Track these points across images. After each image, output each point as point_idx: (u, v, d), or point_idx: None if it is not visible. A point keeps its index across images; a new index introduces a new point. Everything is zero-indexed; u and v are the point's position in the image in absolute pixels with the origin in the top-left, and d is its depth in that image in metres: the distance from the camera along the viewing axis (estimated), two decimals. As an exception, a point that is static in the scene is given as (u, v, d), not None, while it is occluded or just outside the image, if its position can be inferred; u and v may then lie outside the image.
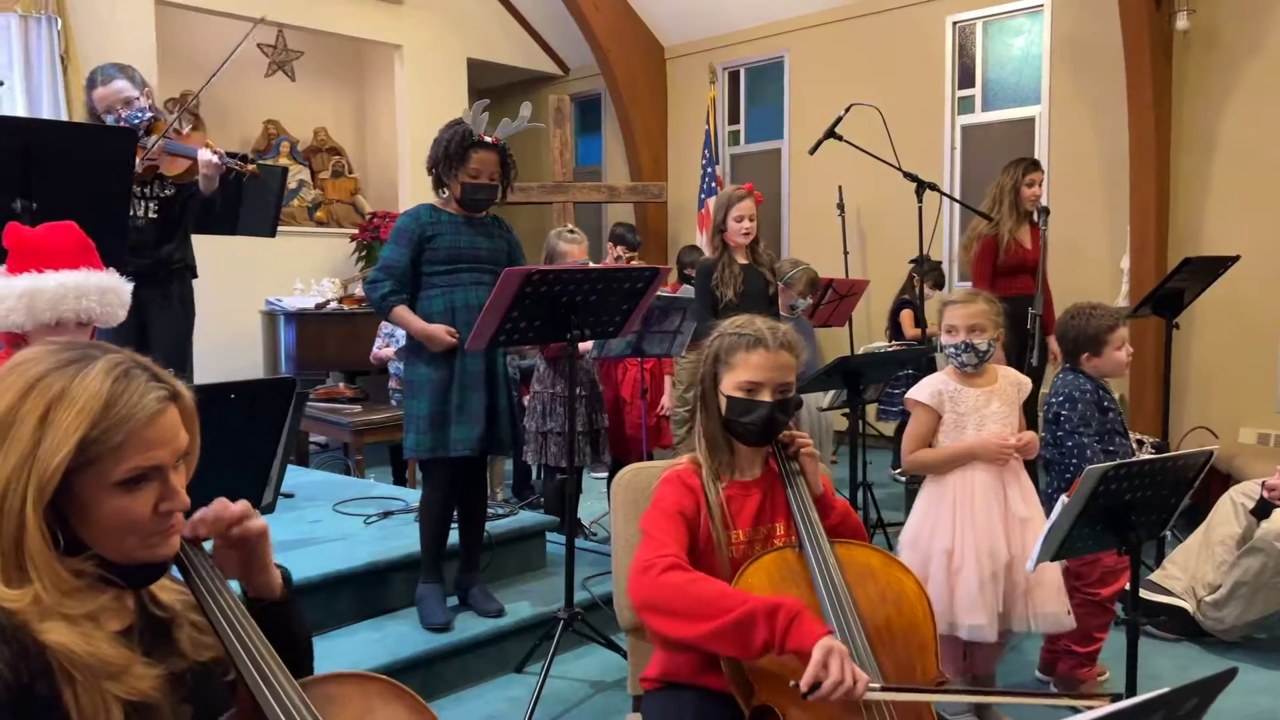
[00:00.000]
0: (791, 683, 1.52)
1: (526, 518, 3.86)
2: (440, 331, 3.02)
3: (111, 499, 1.06)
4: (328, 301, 6.60)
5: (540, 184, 7.32)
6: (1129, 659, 2.15)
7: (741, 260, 3.97)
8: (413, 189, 7.90)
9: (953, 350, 2.66)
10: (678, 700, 1.85)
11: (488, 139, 3.05)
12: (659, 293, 3.52)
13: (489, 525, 3.48)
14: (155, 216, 3.42)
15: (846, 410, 4.09)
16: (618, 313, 2.97)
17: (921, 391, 2.68)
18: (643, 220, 8.05)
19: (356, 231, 7.67)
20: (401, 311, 3.07)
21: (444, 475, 3.13)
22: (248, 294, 6.68)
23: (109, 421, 1.04)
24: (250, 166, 3.33)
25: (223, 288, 5.53)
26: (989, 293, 2.82)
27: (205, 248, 3.85)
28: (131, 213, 3.21)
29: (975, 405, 2.67)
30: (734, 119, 7.91)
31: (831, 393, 4.59)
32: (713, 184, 7.17)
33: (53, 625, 1.03)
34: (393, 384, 5.72)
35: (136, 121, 3.18)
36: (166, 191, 3.43)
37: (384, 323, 5.83)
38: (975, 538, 2.54)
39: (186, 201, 3.46)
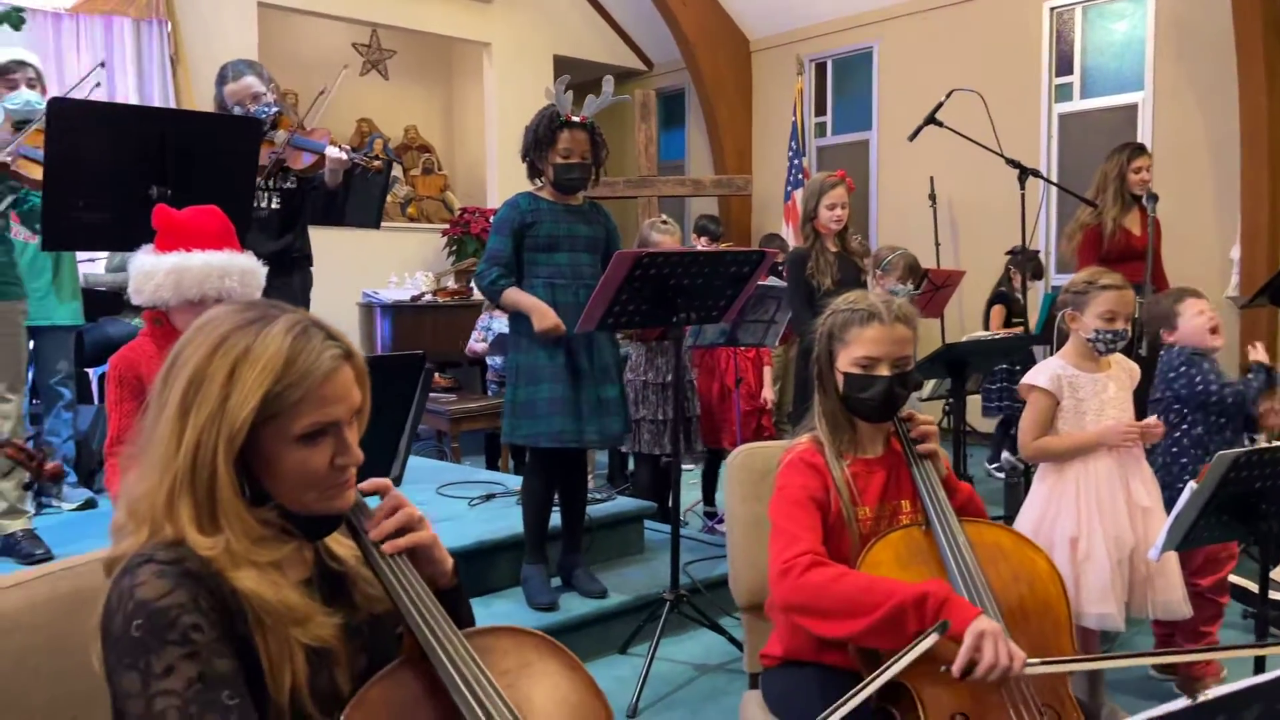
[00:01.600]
0: (943, 667, 1.51)
1: (624, 503, 3.89)
2: (552, 312, 3.04)
3: (292, 452, 1.11)
4: (422, 294, 6.74)
5: (624, 179, 7.35)
6: (1258, 659, 2.08)
7: (832, 248, 3.95)
8: (500, 185, 8.01)
9: (1110, 335, 2.57)
10: (801, 677, 1.84)
11: (575, 118, 3.08)
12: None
13: (587, 510, 3.52)
14: (278, 208, 3.54)
15: (948, 401, 4.02)
16: (722, 297, 2.98)
17: (1039, 376, 2.62)
18: (726, 213, 8.04)
19: (447, 226, 7.81)
20: (512, 293, 3.11)
21: (546, 460, 3.17)
22: (344, 286, 6.86)
23: (290, 378, 1.08)
24: (376, 162, 3.43)
25: (321, 280, 5.67)
26: None
27: (301, 242, 3.96)
28: (255, 204, 3.33)
29: (1094, 390, 2.60)
30: (820, 110, 7.84)
31: (932, 382, 4.52)
32: (799, 176, 7.13)
33: (244, 573, 1.07)
34: (490, 375, 5.82)
35: (264, 115, 3.29)
36: (289, 184, 3.54)
37: (481, 317, 5.93)
38: (1103, 525, 2.48)
39: (308, 194, 3.57)
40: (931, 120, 4.17)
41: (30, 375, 3.69)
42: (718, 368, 4.68)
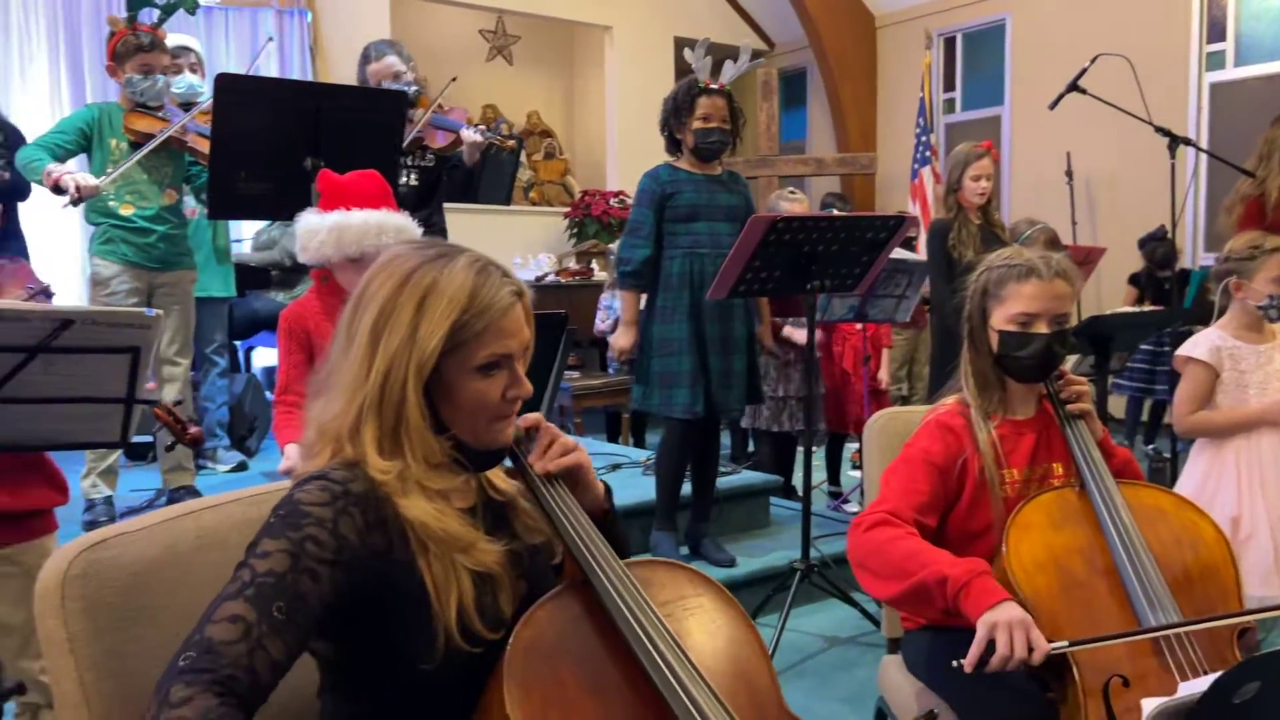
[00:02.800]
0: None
1: (750, 476, 3.90)
2: (629, 337, 3.22)
3: (471, 382, 1.16)
4: (545, 275, 6.87)
5: (745, 159, 7.32)
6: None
7: (976, 220, 3.85)
8: (620, 167, 8.09)
9: None
10: (945, 641, 1.81)
11: (714, 85, 3.11)
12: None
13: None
14: (415, 184, 3.67)
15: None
16: (857, 264, 2.95)
17: (1198, 348, 2.50)
18: (849, 192, 7.91)
19: (568, 209, 7.93)
20: (628, 297, 3.23)
21: (685, 429, 3.20)
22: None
23: (473, 310, 1.14)
24: (510, 142, 3.54)
25: (450, 259, 5.85)
26: None
27: (428, 225, 4.10)
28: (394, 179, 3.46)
29: (1259, 362, 2.47)
30: (949, 86, 7.63)
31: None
32: (926, 153, 6.95)
33: (412, 500, 1.13)
34: (612, 354, 5.89)
35: (406, 93, 3.42)
36: (426, 161, 3.67)
37: (603, 296, 6.01)
38: (1266, 505, 2.36)
39: (445, 171, 3.69)
40: (1074, 87, 4.01)
41: (190, 343, 3.93)
42: (835, 350, 4.61)
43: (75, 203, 2.96)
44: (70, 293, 5.04)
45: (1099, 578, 1.64)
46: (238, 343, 5.08)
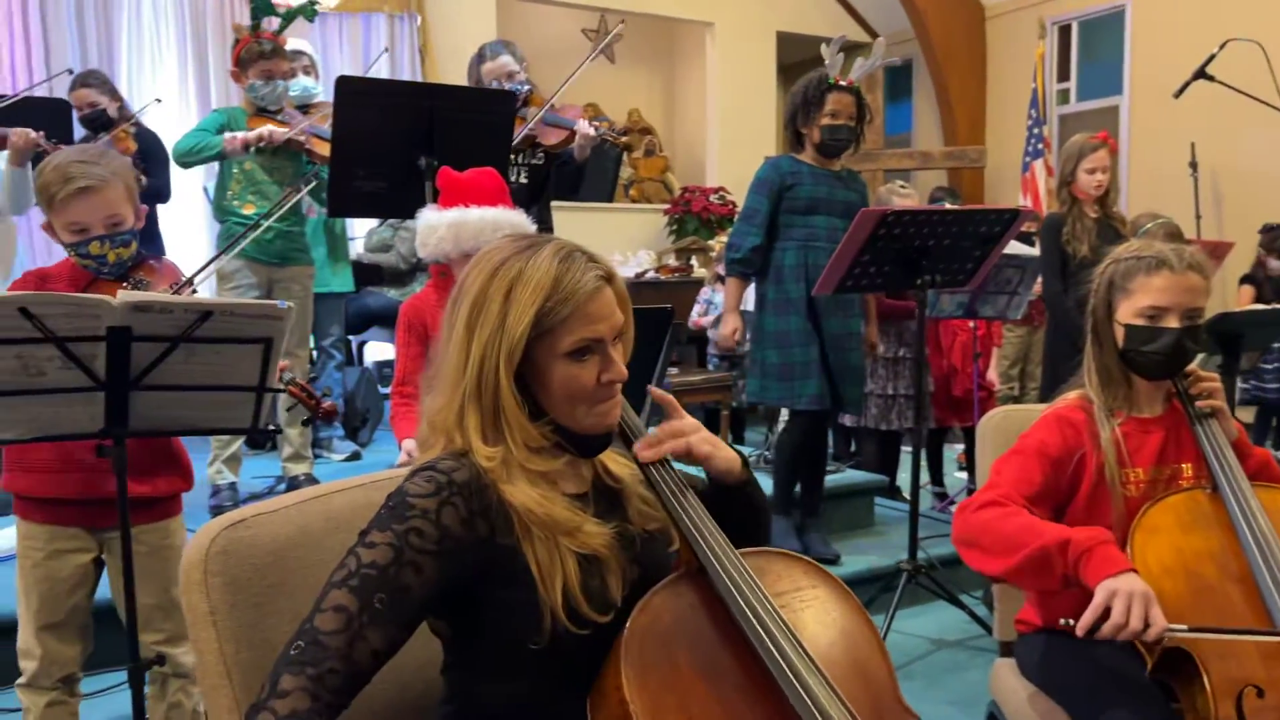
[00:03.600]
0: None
1: (855, 475, 3.86)
2: (733, 328, 3.22)
3: (562, 367, 1.18)
4: (645, 271, 6.91)
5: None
6: None
7: (1092, 214, 3.71)
8: (720, 164, 8.07)
9: None
10: (1062, 645, 1.77)
11: (843, 81, 3.08)
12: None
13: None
14: (525, 181, 3.73)
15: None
16: (970, 259, 2.88)
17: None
18: (957, 186, 7.70)
19: (668, 206, 7.95)
20: (732, 284, 3.21)
21: (808, 421, 3.20)
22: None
23: (558, 296, 1.16)
24: (623, 138, 3.56)
25: (553, 256, 5.95)
26: None
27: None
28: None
29: None
30: (1063, 76, 7.37)
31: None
32: (1039, 145, 6.74)
33: (517, 485, 1.16)
34: (710, 349, 5.90)
35: (517, 92, 3.49)
36: (537, 159, 3.73)
37: (702, 291, 6.02)
38: None
39: (555, 168, 3.75)
40: (1201, 74, 3.83)
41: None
42: (944, 344, 4.51)
43: (268, 146, 3.27)
44: (199, 288, 5.29)
45: (1232, 584, 1.57)
46: (351, 337, 5.27)
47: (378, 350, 6.19)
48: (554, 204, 3.94)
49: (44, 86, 5.15)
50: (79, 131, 3.97)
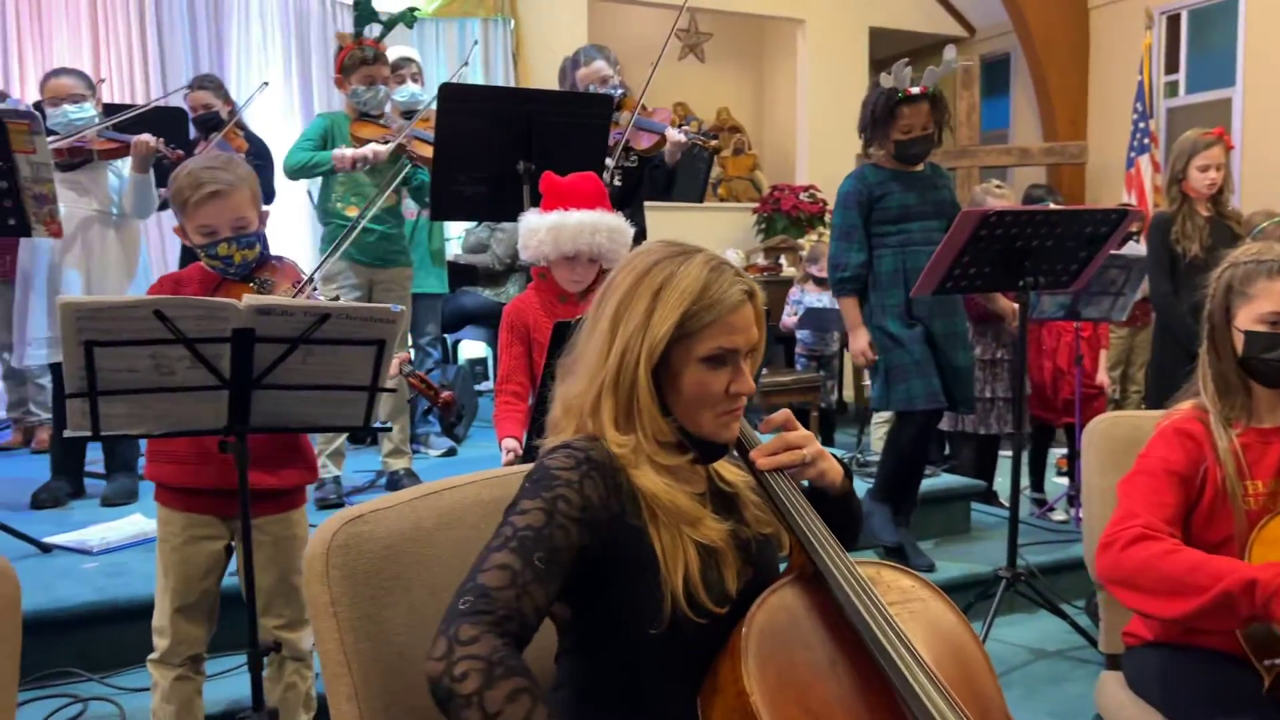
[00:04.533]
0: (1266, 662, 1.37)
1: (950, 480, 3.79)
2: (862, 339, 3.19)
3: (695, 372, 1.23)
4: (734, 270, 6.89)
5: (944, 149, 7.07)
6: None
7: (1204, 213, 3.57)
8: (811, 162, 8.00)
9: None
10: (1173, 660, 1.72)
11: (914, 90, 3.01)
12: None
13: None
14: (619, 185, 3.77)
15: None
16: (1074, 260, 2.81)
17: None
18: (1056, 184, 7.48)
19: (757, 205, 7.92)
20: (848, 304, 3.19)
21: (922, 421, 3.19)
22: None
23: (703, 303, 1.21)
24: (713, 142, 3.58)
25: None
26: None
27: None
28: None
29: None
30: (1171, 68, 7.09)
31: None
32: (1145, 140, 6.49)
33: (644, 472, 1.21)
34: (799, 349, 5.87)
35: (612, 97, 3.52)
36: (630, 162, 3.76)
37: (791, 291, 5.98)
38: None
39: (647, 172, 3.77)
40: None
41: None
42: (1047, 345, 4.39)
43: (372, 165, 3.37)
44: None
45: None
46: (447, 335, 5.40)
47: (472, 348, 6.33)
48: (657, 198, 3.96)
49: (160, 93, 5.42)
50: (192, 133, 4.17)
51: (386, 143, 3.39)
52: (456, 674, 1.01)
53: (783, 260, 7.21)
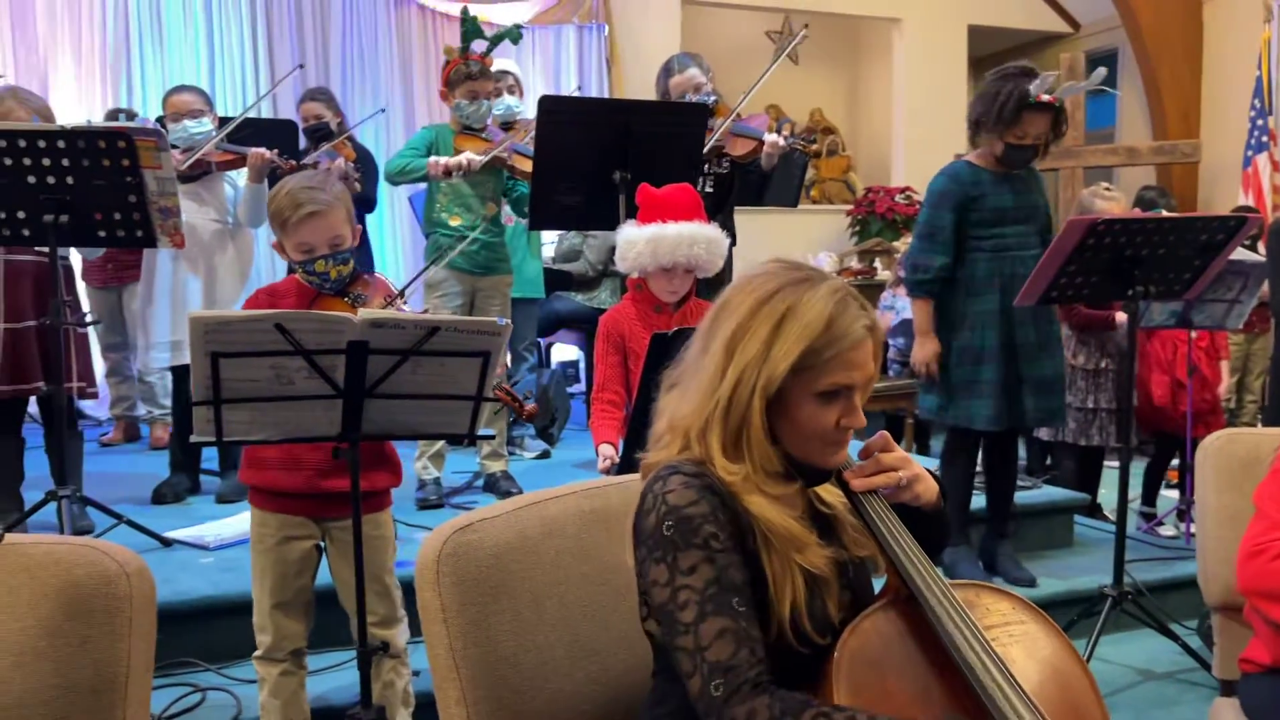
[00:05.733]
0: None
1: (1052, 492, 3.69)
2: (930, 345, 3.08)
3: (810, 405, 1.21)
4: (827, 274, 6.83)
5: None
6: None
7: (1331, 216, 3.40)
8: (907, 163, 7.86)
9: None
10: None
11: (1045, 98, 2.90)
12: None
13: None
14: (711, 191, 3.78)
15: None
16: (1188, 269, 2.70)
17: None
18: (1166, 183, 7.18)
19: (851, 207, 7.83)
20: (921, 306, 3.09)
21: (972, 440, 3.10)
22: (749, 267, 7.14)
23: (826, 338, 1.19)
24: (812, 146, 3.55)
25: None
26: None
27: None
28: None
29: None
30: (1293, 62, 6.74)
31: None
32: (1264, 138, 6.21)
33: (756, 499, 1.21)
34: (891, 354, 5.77)
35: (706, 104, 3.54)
36: (722, 168, 3.77)
37: (883, 295, 5.89)
38: None
39: (740, 177, 3.77)
40: None
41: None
42: (1162, 356, 4.22)
43: (465, 174, 3.44)
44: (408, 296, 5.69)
45: None
46: (540, 339, 5.48)
47: (564, 351, 6.42)
48: (750, 202, 3.95)
49: (270, 106, 5.65)
50: (303, 142, 4.34)
51: (481, 155, 3.47)
52: None
53: (877, 264, 7.11)
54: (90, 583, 1.24)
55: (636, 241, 2.26)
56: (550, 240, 5.62)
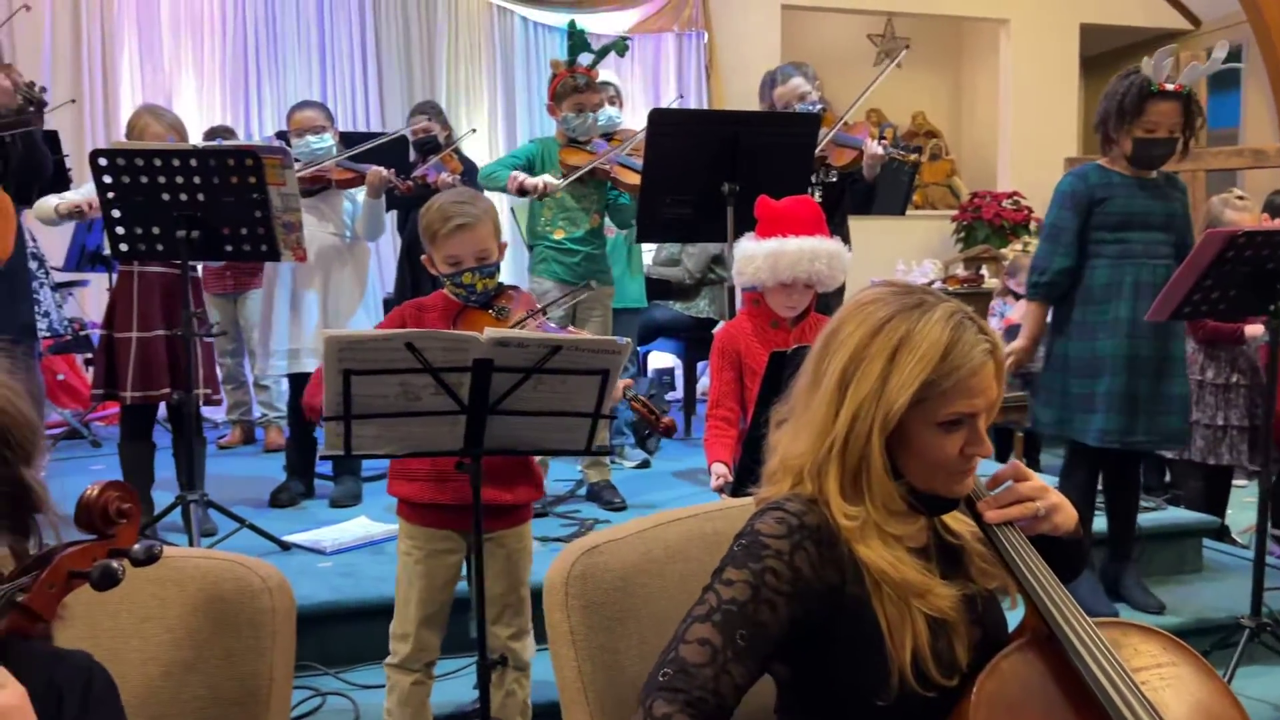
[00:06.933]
0: None
1: (1180, 514, 3.51)
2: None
3: (931, 436, 1.17)
4: (931, 282, 6.67)
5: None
6: None
7: None
8: (1013, 167, 7.65)
9: None
10: None
11: (1169, 86, 2.77)
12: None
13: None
14: (820, 201, 3.72)
15: None
16: (1336, 282, 2.54)
17: None
18: (1297, 188, 6.83)
19: (956, 212, 7.65)
20: (1035, 307, 3.00)
21: (1093, 456, 2.98)
22: (854, 275, 7.02)
23: (945, 367, 1.14)
24: (912, 156, 3.48)
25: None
26: None
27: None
28: None
29: None
30: None
31: None
32: None
33: (870, 546, 1.16)
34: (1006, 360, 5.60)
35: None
36: (830, 178, 3.72)
37: (993, 303, 5.73)
38: None
39: (847, 187, 3.72)
40: None
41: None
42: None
43: (540, 197, 3.43)
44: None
45: None
46: (638, 348, 5.49)
47: (660, 359, 6.42)
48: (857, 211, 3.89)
49: (379, 118, 5.82)
50: (412, 155, 4.45)
51: (564, 179, 3.47)
52: None
53: (984, 271, 6.92)
54: (236, 596, 1.28)
55: (755, 256, 2.23)
56: (649, 249, 5.63)
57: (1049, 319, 3.06)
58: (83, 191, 3.30)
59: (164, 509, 3.16)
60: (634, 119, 4.73)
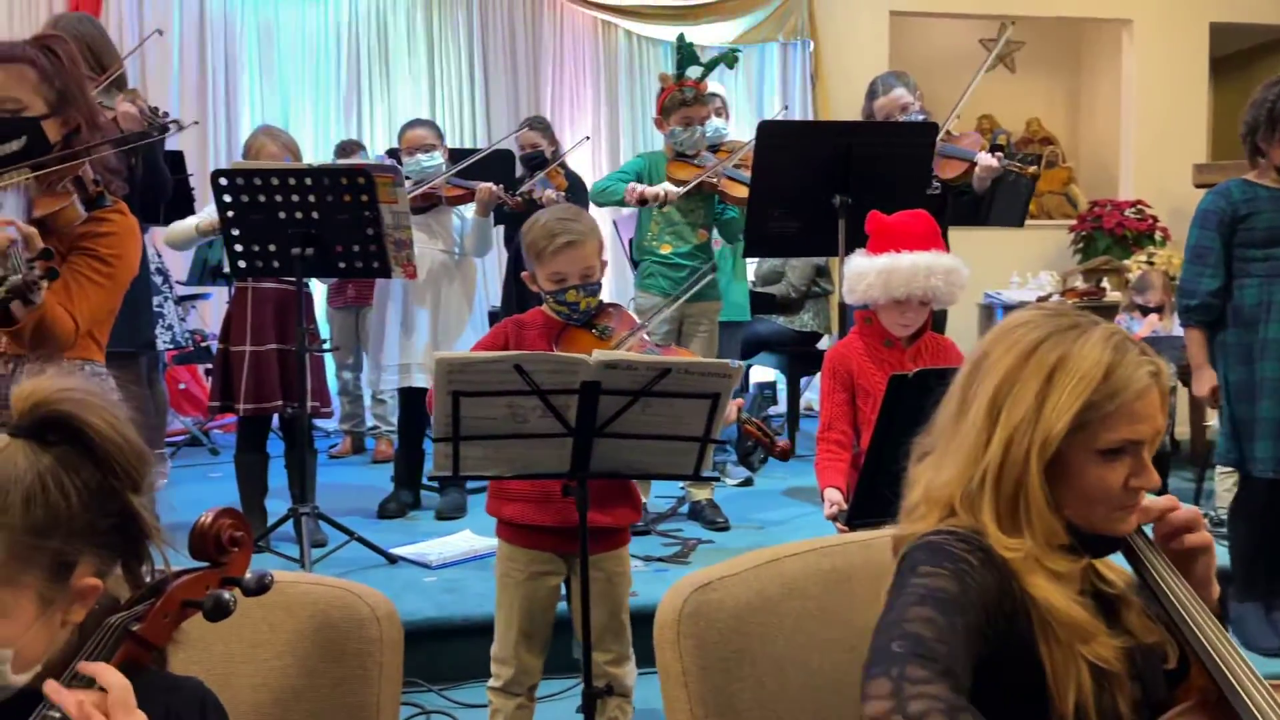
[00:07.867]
0: None
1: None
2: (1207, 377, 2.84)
3: (1092, 465, 1.09)
4: (1048, 295, 6.41)
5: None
6: None
7: None
8: (1136, 174, 7.29)
9: None
10: None
11: None
12: None
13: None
14: None
15: None
16: None
17: None
18: None
19: (1074, 222, 7.33)
20: (1195, 335, 2.87)
21: (1265, 488, 2.80)
22: (968, 287, 6.79)
23: (1106, 390, 1.06)
24: (1031, 169, 3.35)
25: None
26: None
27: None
28: None
29: None
30: None
31: None
32: None
33: (1038, 579, 1.07)
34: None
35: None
36: (933, 189, 3.58)
37: (1117, 318, 5.45)
38: None
39: (952, 199, 3.58)
40: None
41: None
42: None
43: (661, 207, 3.42)
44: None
45: None
46: (740, 361, 5.42)
47: (762, 373, 6.32)
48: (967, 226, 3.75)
49: (486, 134, 5.90)
50: (518, 170, 4.48)
51: (680, 188, 3.43)
52: (911, 711, 0.90)
53: (1105, 283, 6.60)
54: (345, 625, 1.26)
55: (867, 273, 2.14)
56: (752, 262, 5.55)
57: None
58: (210, 210, 3.43)
59: (277, 520, 3.23)
60: (738, 129, 4.66)
